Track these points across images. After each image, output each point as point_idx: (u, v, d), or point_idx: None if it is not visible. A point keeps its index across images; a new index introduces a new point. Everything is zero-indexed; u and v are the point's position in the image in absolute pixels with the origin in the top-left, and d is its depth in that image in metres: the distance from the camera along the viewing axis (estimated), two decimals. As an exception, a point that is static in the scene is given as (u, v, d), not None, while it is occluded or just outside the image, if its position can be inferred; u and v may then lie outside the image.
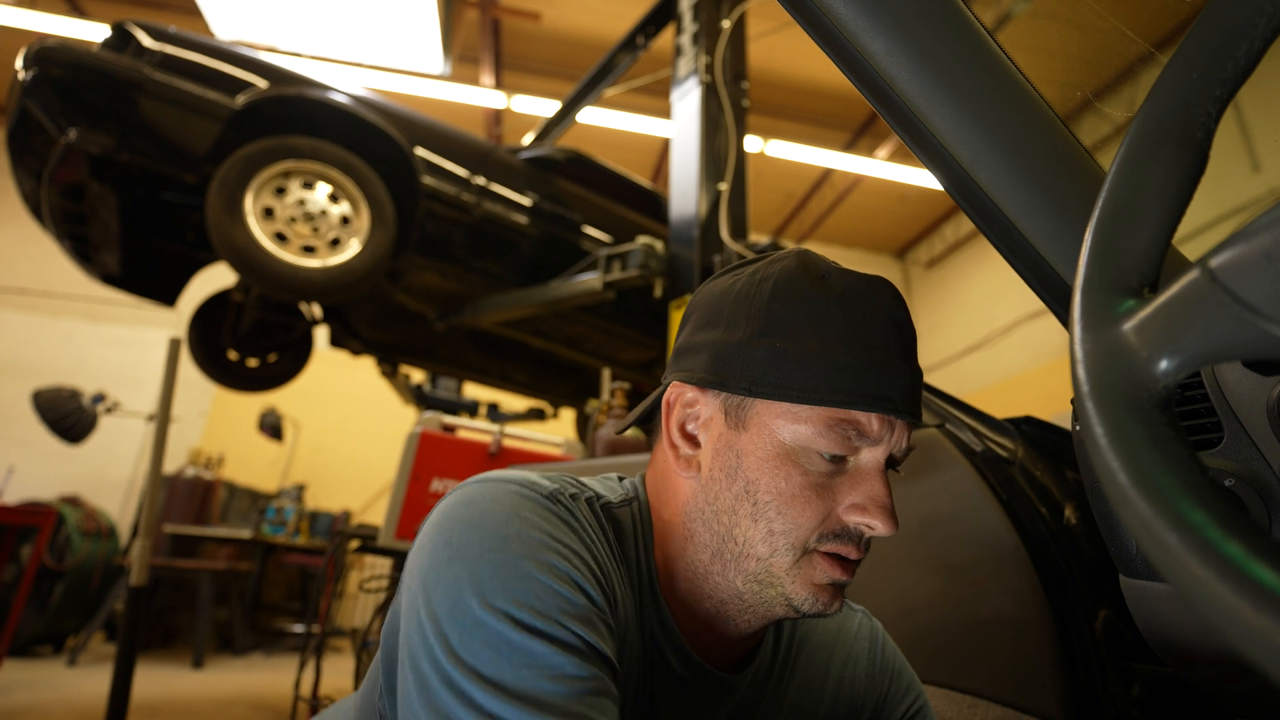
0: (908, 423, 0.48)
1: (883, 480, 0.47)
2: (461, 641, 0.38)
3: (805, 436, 0.46)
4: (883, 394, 0.45)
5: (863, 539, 0.47)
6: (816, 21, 0.52)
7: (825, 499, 0.46)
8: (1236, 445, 0.41)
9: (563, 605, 0.40)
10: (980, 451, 0.73)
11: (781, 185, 7.61)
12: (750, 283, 0.51)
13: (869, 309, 0.48)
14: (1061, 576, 0.64)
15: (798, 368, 0.46)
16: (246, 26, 4.46)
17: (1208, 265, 0.23)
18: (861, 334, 0.47)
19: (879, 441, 0.47)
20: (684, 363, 0.52)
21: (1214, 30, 0.27)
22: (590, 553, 0.45)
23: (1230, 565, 0.20)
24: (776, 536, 0.46)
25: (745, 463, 0.48)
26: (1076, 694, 0.59)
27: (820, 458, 0.46)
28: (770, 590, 0.47)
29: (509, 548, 0.41)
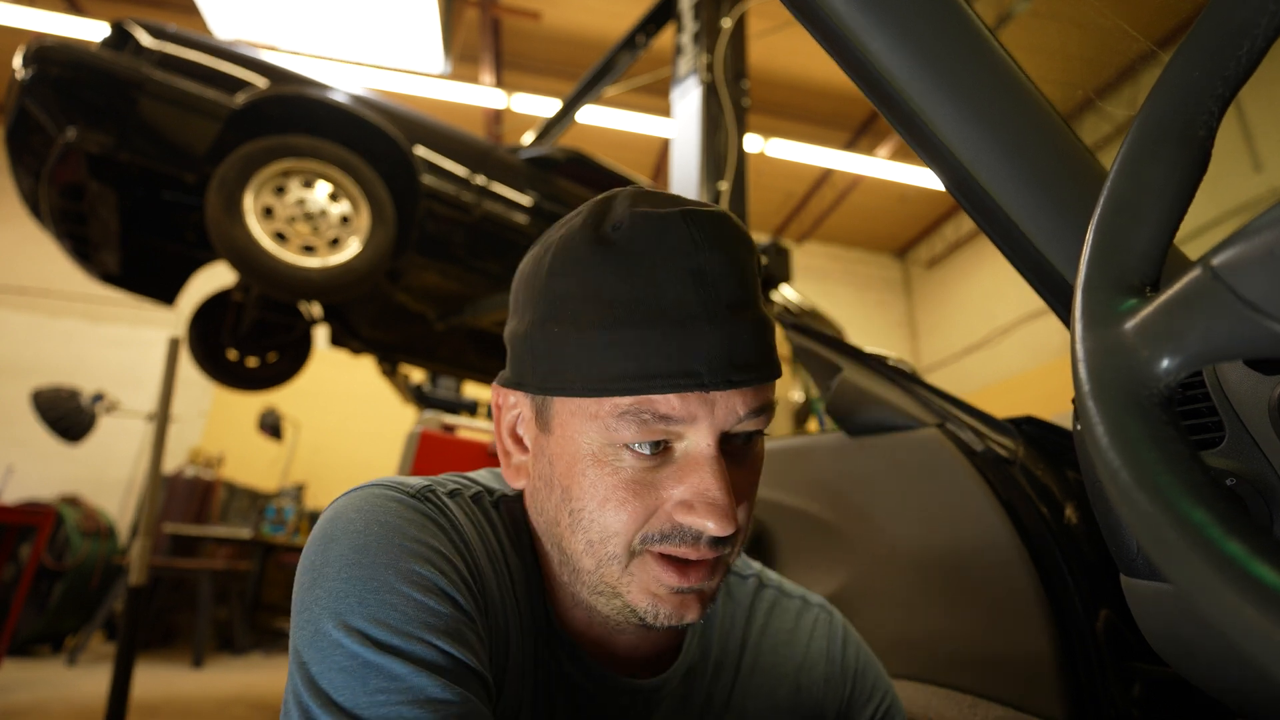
0: (742, 390, 0.39)
1: (712, 469, 0.39)
2: (319, 668, 0.35)
3: (602, 433, 0.39)
4: (680, 368, 0.37)
5: (701, 539, 0.40)
6: (817, 20, 0.52)
7: (646, 497, 0.40)
8: (1238, 445, 0.41)
9: (426, 618, 0.36)
10: (981, 451, 0.73)
11: (782, 185, 7.61)
12: (537, 256, 0.44)
13: (657, 260, 0.39)
14: (1062, 576, 0.64)
15: (579, 354, 0.39)
16: (246, 25, 4.45)
17: (1209, 264, 0.23)
18: (647, 296, 0.38)
19: (693, 421, 0.39)
20: (506, 360, 0.47)
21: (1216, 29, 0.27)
22: (462, 556, 0.41)
23: (1231, 564, 0.20)
24: (595, 546, 0.41)
25: (556, 469, 0.42)
26: (1077, 694, 0.59)
27: (631, 452, 0.39)
28: (615, 601, 0.42)
29: (365, 558, 0.37)
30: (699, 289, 0.38)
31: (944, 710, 0.65)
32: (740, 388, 0.39)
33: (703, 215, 0.41)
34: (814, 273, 8.63)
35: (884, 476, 0.81)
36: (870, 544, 0.80)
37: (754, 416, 0.41)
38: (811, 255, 8.76)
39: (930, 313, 8.93)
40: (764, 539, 0.93)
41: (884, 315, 9.07)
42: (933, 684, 0.69)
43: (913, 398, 0.81)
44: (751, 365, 0.39)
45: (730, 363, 0.38)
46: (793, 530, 0.90)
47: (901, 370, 0.85)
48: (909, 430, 0.79)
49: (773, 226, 8.55)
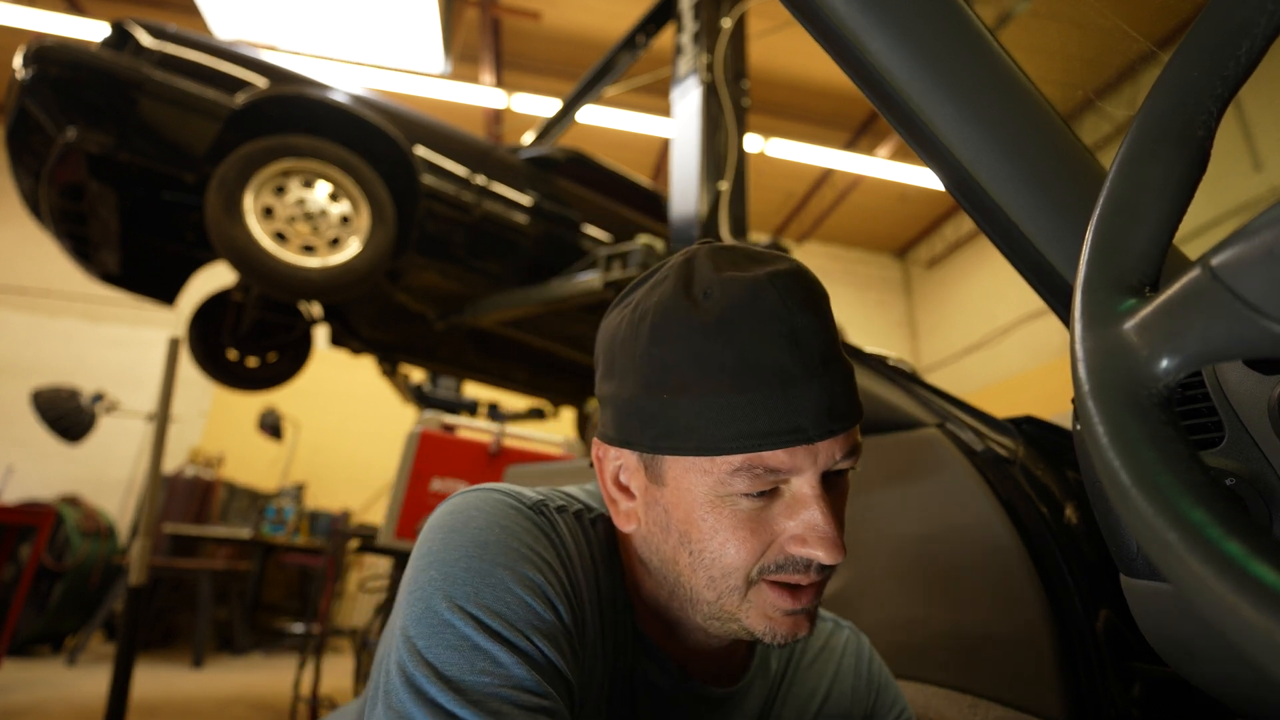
0: (838, 437, 0.43)
1: (820, 506, 0.43)
2: (427, 643, 0.38)
3: (717, 487, 0.43)
4: (787, 426, 0.41)
5: (811, 566, 0.44)
6: (817, 20, 0.52)
7: (762, 533, 0.44)
8: (1237, 445, 0.41)
9: (532, 619, 0.40)
10: (981, 451, 0.73)
11: (782, 185, 7.61)
12: (632, 321, 0.47)
13: (754, 326, 0.42)
14: (1062, 576, 0.64)
15: (691, 419, 0.43)
16: (246, 25, 4.45)
17: (1209, 264, 0.23)
18: (749, 361, 0.41)
19: (799, 470, 0.43)
20: (602, 416, 0.50)
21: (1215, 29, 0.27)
22: (566, 569, 0.45)
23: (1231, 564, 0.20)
24: (717, 581, 0.44)
25: (673, 516, 0.46)
26: (1077, 694, 0.59)
27: (745, 497, 0.43)
28: (731, 625, 0.46)
29: (485, 554, 0.41)
30: (794, 350, 0.42)
31: (944, 710, 0.65)
32: (838, 435, 0.43)
33: (786, 276, 0.44)
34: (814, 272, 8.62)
35: (884, 476, 0.81)
36: (870, 544, 0.80)
37: (849, 457, 0.45)
38: (811, 255, 8.75)
39: (930, 313, 8.92)
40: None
41: (884, 315, 9.06)
42: (933, 684, 0.69)
43: (913, 397, 0.81)
44: (846, 414, 0.44)
45: (830, 414, 0.43)
46: (792, 530, 0.90)
47: (901, 370, 0.85)
48: (909, 430, 0.79)
49: (773, 226, 8.55)
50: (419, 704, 0.36)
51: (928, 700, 0.67)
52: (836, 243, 8.92)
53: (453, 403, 3.74)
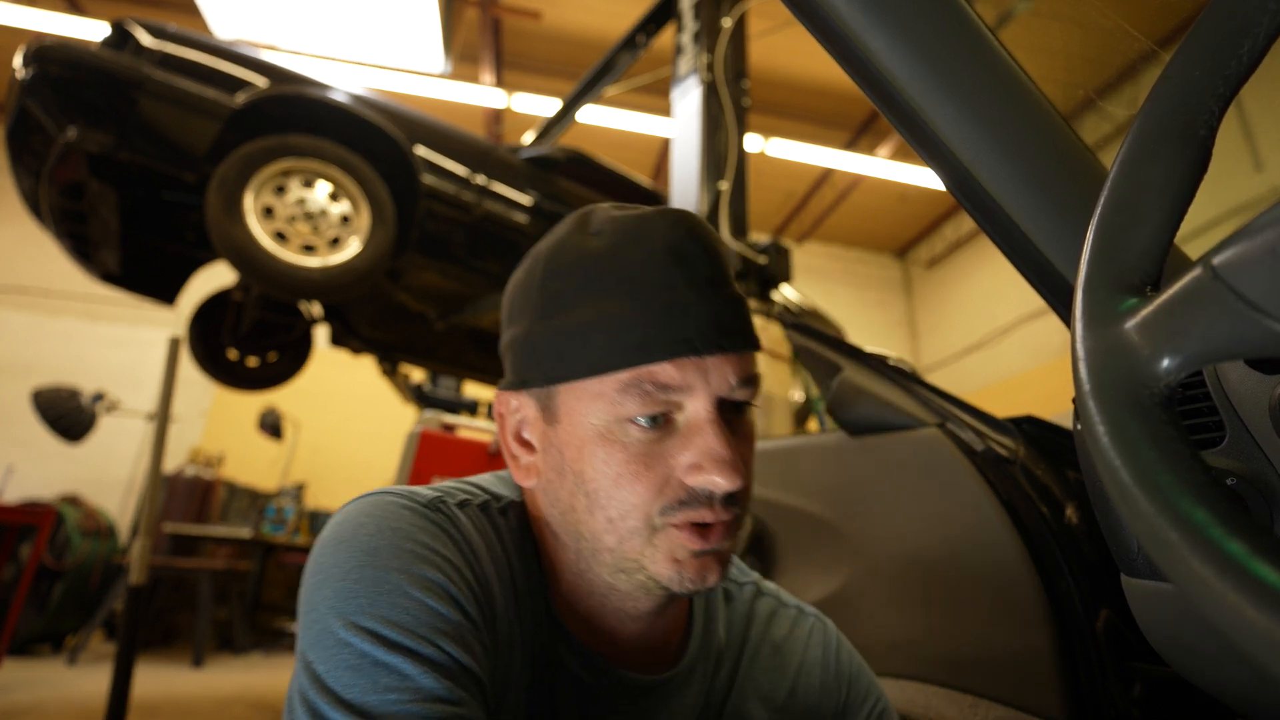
0: (729, 357, 0.43)
1: (715, 430, 0.42)
2: (326, 666, 0.36)
3: (607, 409, 0.42)
4: (673, 337, 0.41)
5: (714, 498, 0.42)
6: (818, 19, 0.52)
7: (657, 467, 0.42)
8: (1239, 444, 0.41)
9: (435, 621, 0.38)
10: (981, 451, 0.73)
11: (782, 184, 7.61)
12: (529, 266, 0.48)
13: (642, 249, 0.43)
14: (1062, 576, 0.64)
15: (580, 341, 0.42)
16: (246, 25, 4.45)
17: (1210, 263, 0.23)
18: (635, 279, 0.42)
19: (690, 388, 0.42)
20: (505, 369, 0.50)
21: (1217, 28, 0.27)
22: (470, 564, 0.43)
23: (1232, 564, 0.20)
24: (616, 523, 0.43)
25: (567, 456, 0.44)
26: (1077, 694, 0.59)
27: (636, 426, 0.42)
28: (638, 576, 0.44)
29: (376, 561, 0.39)
30: (680, 267, 0.43)
31: (944, 710, 0.65)
32: (729, 353, 0.43)
33: (676, 211, 0.46)
34: (814, 273, 8.63)
35: (884, 476, 0.81)
36: (870, 543, 0.80)
37: (745, 386, 0.44)
38: (811, 255, 8.75)
39: (930, 313, 8.92)
40: (764, 539, 0.93)
41: (884, 315, 9.06)
42: (933, 684, 0.69)
43: (913, 397, 0.80)
44: (736, 333, 0.44)
45: (718, 330, 0.43)
46: (793, 530, 0.90)
47: (902, 370, 0.85)
48: (909, 430, 0.79)
49: (773, 226, 8.55)
50: None
51: (928, 700, 0.67)
52: (836, 243, 8.92)
53: (453, 403, 3.73)
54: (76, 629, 3.92)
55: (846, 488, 0.85)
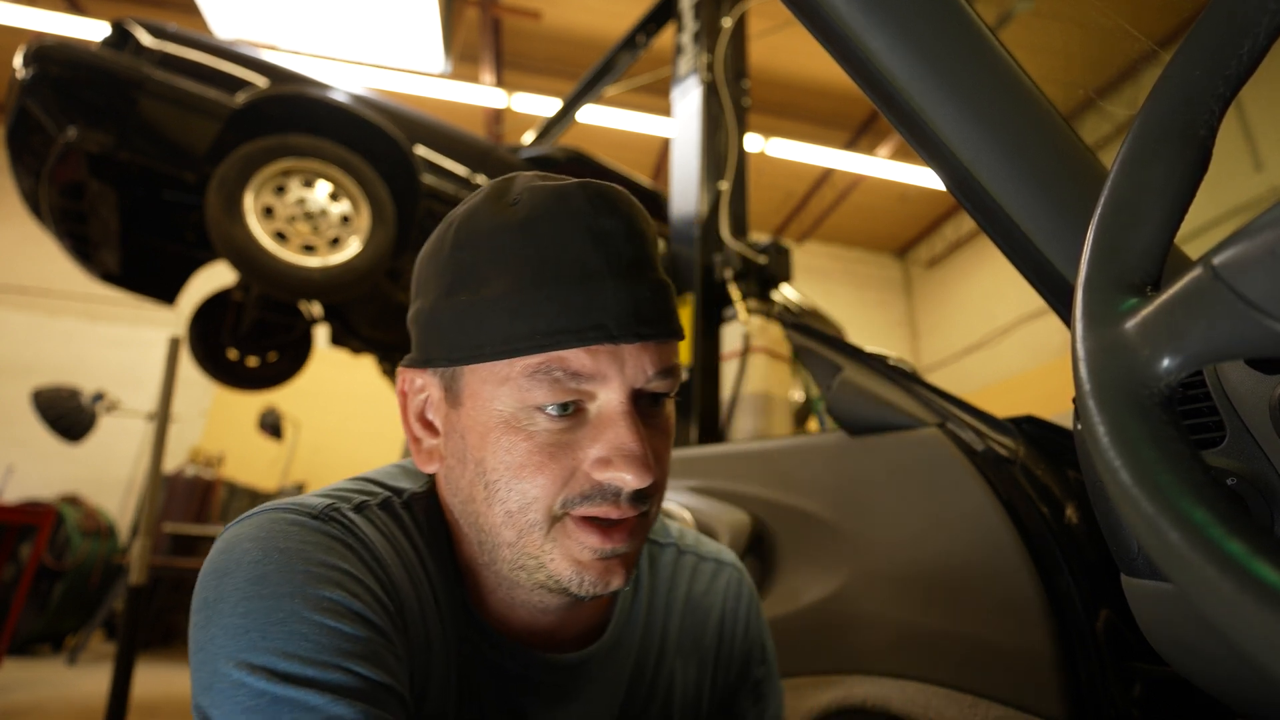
0: (646, 346, 0.40)
1: (627, 423, 0.39)
2: (221, 713, 0.33)
3: (514, 396, 0.39)
4: (588, 322, 0.38)
5: (621, 495, 0.40)
6: (818, 19, 0.52)
7: (563, 459, 0.39)
8: (1239, 444, 0.41)
9: (339, 643, 0.35)
10: (981, 451, 0.73)
11: (782, 184, 7.61)
12: (440, 232, 0.44)
13: (558, 225, 0.39)
14: (1062, 576, 0.64)
15: (486, 319, 0.39)
16: (246, 25, 4.45)
17: (1210, 263, 0.23)
18: (550, 257, 0.39)
19: (604, 378, 0.39)
20: (411, 344, 0.46)
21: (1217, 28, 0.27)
22: (374, 573, 0.40)
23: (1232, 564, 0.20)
24: (515, 516, 0.40)
25: (469, 441, 0.41)
26: (1077, 694, 0.59)
27: (544, 415, 0.39)
28: (538, 574, 0.41)
29: (265, 589, 0.35)
30: (600, 248, 0.39)
31: (944, 710, 0.66)
32: (647, 341, 0.40)
33: (598, 186, 0.41)
34: (814, 273, 8.63)
35: (884, 476, 0.81)
36: (870, 543, 0.80)
37: (662, 377, 0.41)
38: (811, 255, 8.75)
39: (930, 313, 8.93)
40: (764, 539, 0.93)
41: (884, 315, 9.06)
42: (933, 684, 0.69)
43: (913, 397, 0.81)
44: (656, 321, 0.40)
45: (636, 317, 0.39)
46: (793, 530, 0.90)
47: (901, 370, 0.85)
48: (909, 430, 0.79)
49: (773, 226, 8.55)
50: None
51: (928, 700, 0.67)
52: (836, 243, 8.92)
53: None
54: (76, 629, 3.92)
55: (846, 488, 0.85)
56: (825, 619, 0.82)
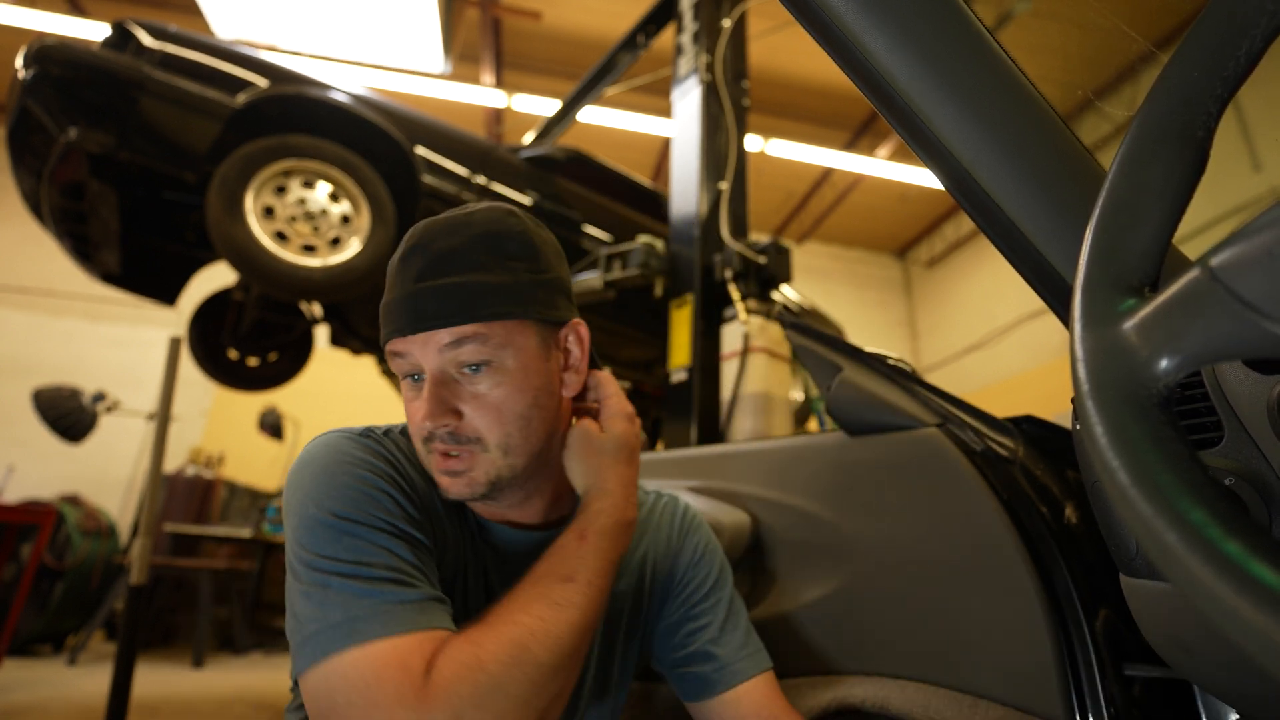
0: (427, 334, 0.56)
1: (430, 391, 0.57)
2: (308, 539, 0.51)
3: (395, 366, 0.60)
4: (395, 323, 0.57)
5: (435, 435, 0.57)
6: (817, 20, 0.52)
7: (414, 410, 0.59)
8: (1237, 444, 0.41)
9: (376, 509, 0.53)
10: (980, 451, 0.73)
11: (782, 184, 7.61)
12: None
13: (405, 247, 0.59)
14: (1062, 576, 0.64)
15: (383, 314, 0.60)
16: (247, 25, 4.46)
17: (1208, 264, 0.23)
18: (395, 273, 0.59)
19: (412, 356, 0.58)
20: None
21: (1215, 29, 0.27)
22: (399, 471, 0.58)
23: (1230, 564, 0.20)
24: (415, 438, 0.60)
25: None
26: (1077, 694, 0.59)
27: (408, 381, 0.60)
28: (434, 478, 0.60)
29: (329, 471, 0.55)
30: (403, 268, 0.59)
31: (943, 710, 0.66)
32: (424, 331, 0.56)
33: (424, 221, 0.62)
34: (814, 273, 8.63)
35: (884, 476, 0.81)
36: (870, 543, 0.80)
37: (455, 349, 0.57)
38: (811, 255, 8.75)
39: (930, 313, 8.92)
40: (764, 539, 0.93)
41: (884, 315, 9.06)
42: (932, 684, 0.69)
43: (913, 397, 0.81)
44: (431, 316, 0.56)
45: (415, 316, 0.57)
46: (793, 530, 0.90)
47: (901, 370, 0.85)
48: (909, 430, 0.79)
49: (773, 226, 8.55)
50: (308, 571, 0.50)
51: (927, 700, 0.68)
52: (836, 243, 8.92)
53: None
54: (77, 629, 3.92)
55: (846, 488, 0.85)
56: (825, 619, 0.82)
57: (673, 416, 2.08)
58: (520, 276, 0.59)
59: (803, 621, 0.83)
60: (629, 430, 0.66)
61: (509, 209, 0.63)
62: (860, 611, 0.79)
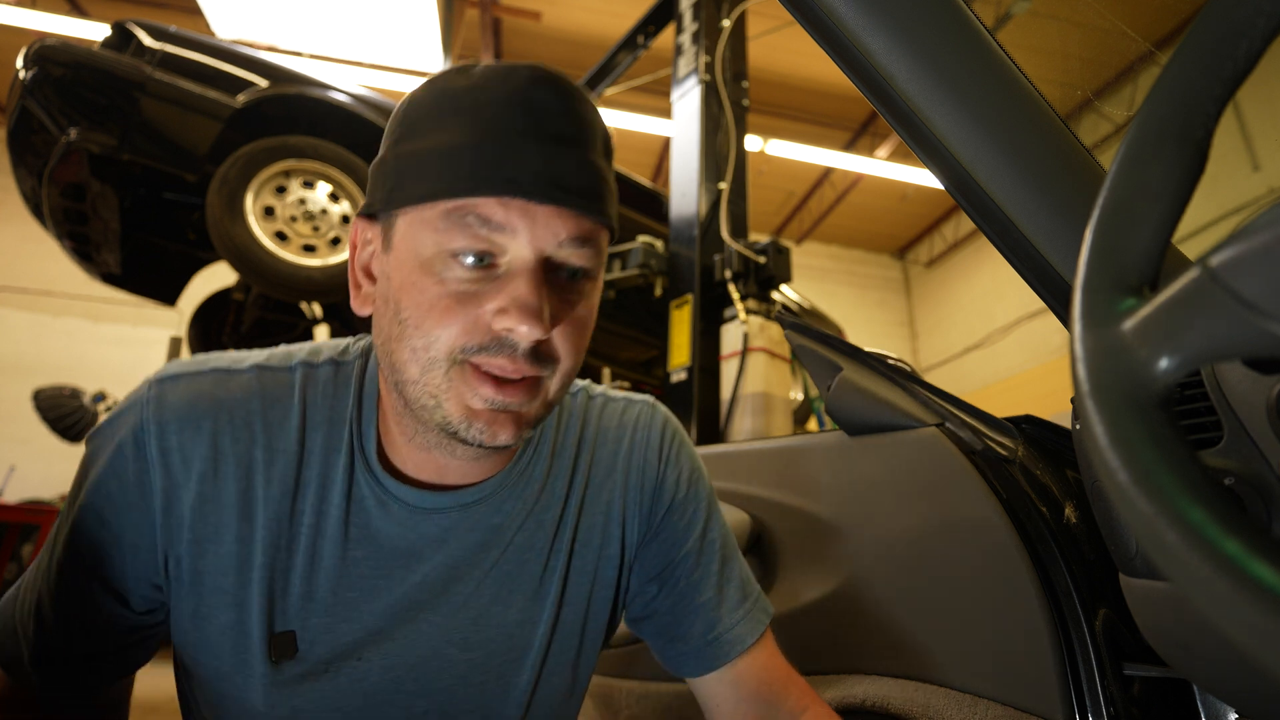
0: (561, 211, 0.42)
1: (530, 280, 0.41)
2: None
3: (433, 239, 0.42)
4: (502, 175, 0.40)
5: (518, 349, 0.42)
6: (816, 20, 0.52)
7: (469, 306, 0.42)
8: (1236, 444, 0.41)
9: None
10: (980, 450, 0.73)
11: (782, 184, 7.61)
12: (408, 94, 0.47)
13: (498, 91, 0.42)
14: (1062, 576, 0.64)
15: (421, 166, 0.42)
16: (247, 25, 4.46)
17: (1208, 264, 0.23)
18: (483, 116, 0.41)
19: (513, 230, 0.41)
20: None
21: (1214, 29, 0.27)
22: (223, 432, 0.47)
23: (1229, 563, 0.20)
24: (419, 353, 0.42)
25: (393, 283, 0.44)
26: (1076, 693, 0.59)
27: (460, 264, 0.42)
28: (436, 413, 0.43)
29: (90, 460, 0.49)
30: (527, 115, 0.42)
31: (943, 710, 0.66)
32: (561, 205, 0.42)
33: (547, 70, 0.44)
34: (814, 273, 8.63)
35: (884, 476, 0.81)
36: (869, 543, 0.80)
37: (577, 245, 0.43)
38: (811, 255, 8.76)
39: (930, 312, 8.92)
40: (764, 539, 0.93)
41: (884, 315, 9.06)
42: (932, 684, 0.69)
43: (912, 397, 0.81)
44: (576, 191, 0.42)
45: (552, 181, 0.41)
46: (793, 530, 0.90)
47: (901, 369, 0.85)
48: (909, 430, 0.79)
49: (773, 226, 8.55)
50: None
51: (927, 699, 0.68)
52: (836, 243, 8.92)
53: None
54: (77, 629, 3.91)
55: (846, 488, 0.85)
56: (824, 618, 0.82)
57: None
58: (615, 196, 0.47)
59: (802, 621, 0.83)
60: None
61: None
62: (859, 611, 0.79)
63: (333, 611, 0.48)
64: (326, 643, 0.48)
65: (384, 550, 0.49)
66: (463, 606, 0.51)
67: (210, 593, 0.46)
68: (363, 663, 0.48)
